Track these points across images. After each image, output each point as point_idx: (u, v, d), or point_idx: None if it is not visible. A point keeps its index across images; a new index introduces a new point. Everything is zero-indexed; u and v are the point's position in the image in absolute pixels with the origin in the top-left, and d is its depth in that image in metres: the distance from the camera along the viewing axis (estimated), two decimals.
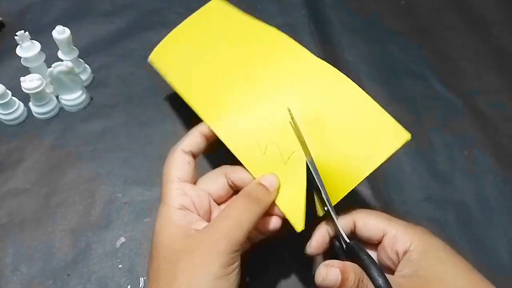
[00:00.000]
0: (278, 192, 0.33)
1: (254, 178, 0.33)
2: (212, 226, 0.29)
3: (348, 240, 0.31)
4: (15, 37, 0.45)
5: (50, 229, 0.41)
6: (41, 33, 0.51)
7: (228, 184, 0.35)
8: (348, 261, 0.28)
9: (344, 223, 0.33)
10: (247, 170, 0.34)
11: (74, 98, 0.48)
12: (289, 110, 0.35)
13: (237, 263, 0.29)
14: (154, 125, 0.49)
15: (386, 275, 0.27)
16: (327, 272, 0.26)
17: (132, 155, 0.46)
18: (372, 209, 0.34)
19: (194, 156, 0.35)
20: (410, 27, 0.60)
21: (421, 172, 0.46)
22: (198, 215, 0.32)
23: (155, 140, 0.47)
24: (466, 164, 0.46)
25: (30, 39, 0.46)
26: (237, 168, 0.34)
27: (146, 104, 0.50)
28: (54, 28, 0.47)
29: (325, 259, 0.33)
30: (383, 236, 0.31)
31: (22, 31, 0.45)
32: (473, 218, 0.43)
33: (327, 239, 0.33)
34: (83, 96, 0.49)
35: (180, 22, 0.45)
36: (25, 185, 0.44)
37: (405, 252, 0.30)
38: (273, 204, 0.32)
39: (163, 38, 0.45)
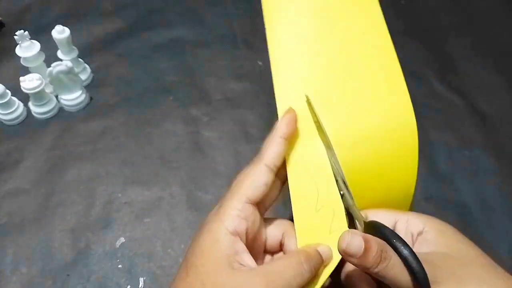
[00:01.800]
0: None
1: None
2: (259, 275, 0.26)
3: (366, 220, 0.30)
4: (15, 36, 0.45)
5: (50, 229, 0.41)
6: (41, 33, 0.52)
7: (279, 241, 0.32)
8: None
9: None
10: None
11: (73, 98, 0.48)
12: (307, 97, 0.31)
13: None
14: (154, 125, 0.49)
15: None
16: (351, 238, 0.25)
17: (132, 155, 0.46)
18: None
19: (275, 171, 0.30)
20: (410, 27, 0.60)
21: (421, 172, 0.45)
22: (245, 244, 0.29)
23: (155, 140, 0.47)
24: (467, 164, 0.46)
25: (30, 38, 0.46)
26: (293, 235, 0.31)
27: (146, 104, 0.50)
28: (53, 28, 0.47)
29: None
30: (395, 224, 0.30)
31: (22, 30, 0.45)
32: (474, 218, 0.43)
33: None
34: (83, 96, 0.49)
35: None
36: (24, 185, 0.43)
37: (419, 233, 0.29)
38: None
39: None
